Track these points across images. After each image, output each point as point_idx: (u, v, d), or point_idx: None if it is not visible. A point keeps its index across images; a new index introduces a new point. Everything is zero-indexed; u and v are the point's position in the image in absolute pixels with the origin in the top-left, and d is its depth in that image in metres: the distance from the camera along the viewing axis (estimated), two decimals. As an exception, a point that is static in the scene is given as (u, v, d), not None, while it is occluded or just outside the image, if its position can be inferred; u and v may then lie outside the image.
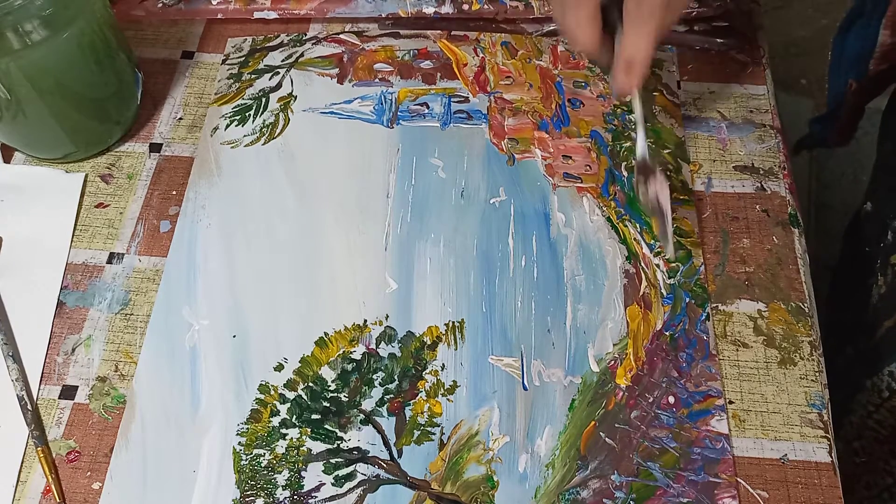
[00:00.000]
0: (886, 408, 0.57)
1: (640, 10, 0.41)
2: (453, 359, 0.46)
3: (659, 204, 0.47)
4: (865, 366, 0.59)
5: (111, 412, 0.45)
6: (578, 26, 0.43)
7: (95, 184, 0.54)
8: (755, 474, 0.42)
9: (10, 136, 0.53)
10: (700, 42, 0.58)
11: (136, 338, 0.48)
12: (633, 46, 0.42)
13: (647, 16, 0.41)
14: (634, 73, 0.43)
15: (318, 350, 0.47)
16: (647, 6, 0.41)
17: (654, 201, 0.47)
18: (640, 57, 0.43)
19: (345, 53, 0.59)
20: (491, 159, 0.53)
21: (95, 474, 0.44)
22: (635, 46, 0.42)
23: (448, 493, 0.42)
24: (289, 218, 0.52)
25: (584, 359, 0.46)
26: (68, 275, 0.50)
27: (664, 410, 0.44)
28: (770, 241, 0.50)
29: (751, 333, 0.47)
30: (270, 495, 0.43)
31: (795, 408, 0.44)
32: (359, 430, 0.44)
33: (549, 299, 0.48)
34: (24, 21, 0.45)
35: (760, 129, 0.54)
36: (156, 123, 0.56)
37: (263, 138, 0.55)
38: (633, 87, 0.44)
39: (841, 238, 0.72)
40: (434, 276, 0.49)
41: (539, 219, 0.51)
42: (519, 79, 0.57)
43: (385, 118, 0.56)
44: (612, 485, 0.42)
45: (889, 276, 0.58)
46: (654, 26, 0.41)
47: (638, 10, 0.41)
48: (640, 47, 0.42)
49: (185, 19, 0.61)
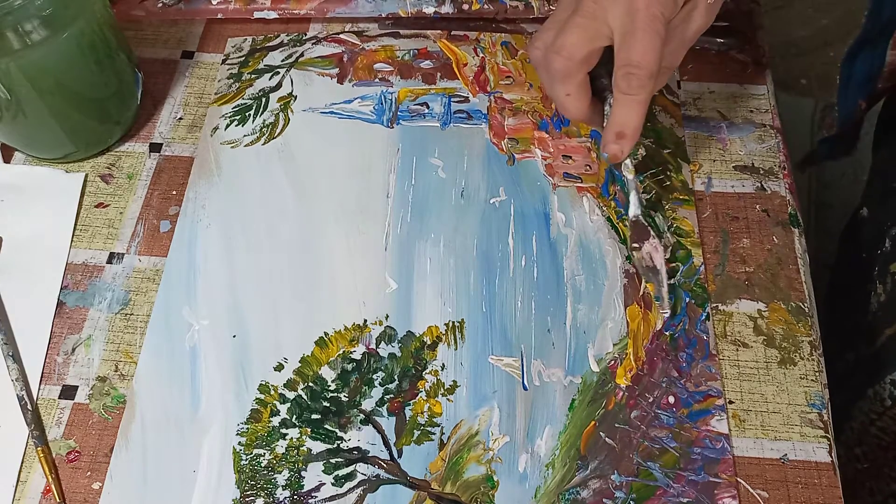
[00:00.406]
0: (889, 416, 0.57)
1: (629, 83, 0.42)
2: (453, 359, 0.46)
3: (654, 264, 0.47)
4: (866, 374, 0.59)
5: (111, 412, 0.45)
6: (568, 98, 0.45)
7: (95, 184, 0.54)
8: (755, 474, 0.42)
9: (10, 136, 0.53)
10: (700, 42, 0.57)
11: (136, 338, 0.48)
12: (624, 118, 0.43)
13: (637, 88, 0.42)
14: (625, 142, 0.44)
15: (318, 350, 0.47)
16: (637, 79, 0.41)
17: (648, 261, 0.47)
18: (630, 127, 0.43)
19: (345, 53, 0.59)
20: (491, 159, 0.53)
21: (95, 474, 0.44)
22: (626, 118, 0.43)
23: (448, 493, 0.42)
24: (289, 218, 0.52)
25: (584, 359, 0.46)
26: (68, 275, 0.50)
27: (664, 410, 0.44)
28: (770, 240, 0.50)
29: (751, 333, 0.47)
30: (270, 495, 0.43)
31: (795, 408, 0.44)
32: (359, 430, 0.44)
33: (549, 299, 0.48)
34: (24, 21, 0.45)
35: (760, 129, 0.54)
36: (156, 123, 0.56)
37: (263, 138, 0.55)
38: (624, 154, 0.45)
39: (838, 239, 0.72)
40: (434, 276, 0.49)
41: (539, 219, 0.51)
42: (519, 79, 0.57)
43: (385, 118, 0.56)
44: (612, 485, 0.42)
45: (889, 285, 0.58)
46: (644, 98, 0.42)
47: (627, 84, 0.42)
48: (630, 118, 0.43)
49: (185, 19, 0.61)
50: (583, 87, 0.44)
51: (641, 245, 0.47)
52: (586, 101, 0.45)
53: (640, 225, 0.48)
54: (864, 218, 0.64)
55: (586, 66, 0.44)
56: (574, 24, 0.43)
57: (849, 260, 0.67)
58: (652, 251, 0.47)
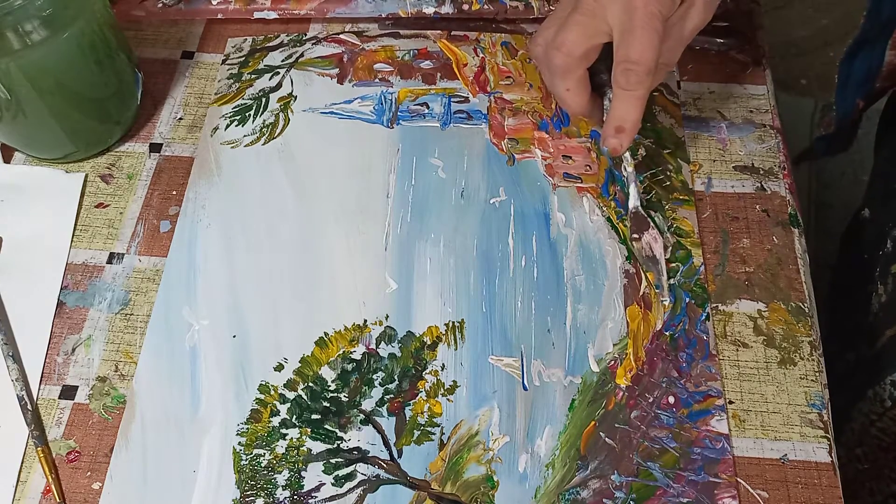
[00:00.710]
0: (889, 416, 0.57)
1: (628, 79, 0.43)
2: (453, 359, 0.46)
3: (653, 254, 0.48)
4: (867, 374, 0.59)
5: (111, 412, 0.45)
6: (568, 92, 0.46)
7: (95, 184, 0.54)
8: (755, 474, 0.42)
9: (10, 136, 0.53)
10: (700, 42, 0.58)
11: (136, 338, 0.48)
12: (623, 112, 0.44)
13: (636, 83, 0.43)
14: (624, 136, 0.45)
15: (318, 350, 0.47)
16: (635, 75, 0.42)
17: (648, 252, 0.48)
18: (629, 122, 0.45)
19: (345, 53, 0.59)
20: (491, 159, 0.53)
21: (95, 474, 0.44)
22: (625, 112, 0.44)
23: (448, 493, 0.42)
24: (289, 218, 0.52)
25: (584, 359, 0.46)
26: (68, 275, 0.50)
27: (664, 410, 0.44)
28: (770, 241, 0.50)
29: (751, 333, 0.47)
30: (270, 495, 0.43)
31: (795, 408, 0.44)
32: (359, 430, 0.44)
33: (549, 299, 0.48)
34: (24, 21, 0.45)
35: (760, 129, 0.54)
36: (156, 123, 0.56)
37: (263, 138, 0.55)
38: (623, 148, 0.46)
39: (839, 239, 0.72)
40: (434, 276, 0.49)
41: (539, 219, 0.51)
42: (519, 79, 0.57)
43: (385, 118, 0.56)
44: (612, 485, 0.42)
45: (890, 286, 0.58)
46: (642, 93, 0.43)
47: (626, 79, 0.43)
48: (629, 113, 0.44)
49: (185, 19, 0.61)
50: (582, 83, 0.46)
51: (641, 235, 0.48)
52: (586, 96, 0.46)
53: (640, 216, 0.49)
54: (865, 219, 0.64)
55: (585, 62, 0.45)
56: (574, 21, 0.44)
57: (850, 261, 0.67)
58: (651, 241, 0.48)
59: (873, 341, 0.59)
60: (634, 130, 0.45)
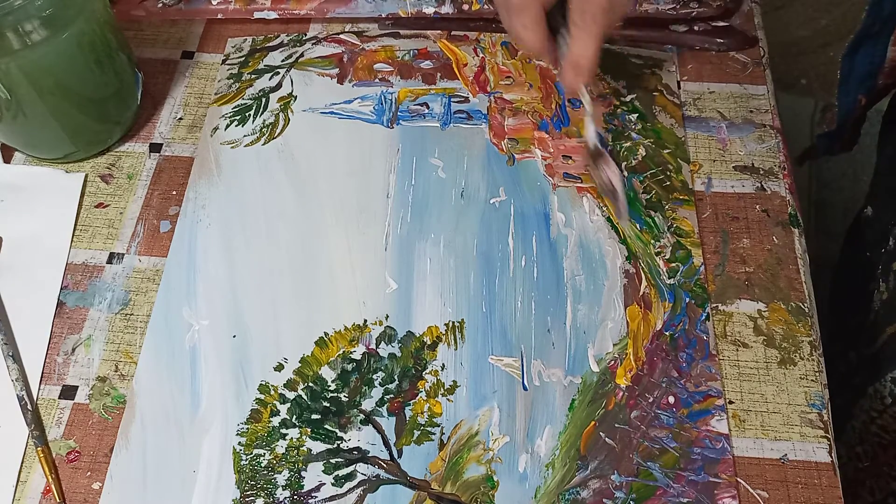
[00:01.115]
0: (890, 414, 0.57)
1: (584, 16, 0.43)
2: (453, 359, 0.46)
3: (611, 184, 0.48)
4: (867, 372, 0.60)
5: (111, 412, 0.45)
6: (524, 29, 0.46)
7: (95, 184, 0.54)
8: (755, 474, 0.42)
9: (10, 136, 0.53)
10: (700, 42, 0.58)
11: (136, 338, 0.48)
12: (581, 49, 0.45)
13: (591, 21, 0.44)
14: (582, 73, 0.46)
15: (318, 350, 0.47)
16: (590, 12, 0.43)
17: (607, 183, 0.48)
18: (586, 59, 0.45)
19: (345, 53, 0.59)
20: (491, 159, 0.53)
21: (95, 474, 0.44)
22: (582, 49, 0.45)
23: (448, 493, 0.42)
24: (289, 218, 0.52)
25: (584, 359, 0.46)
26: (68, 275, 0.50)
27: (664, 410, 0.44)
28: (770, 241, 0.50)
29: (751, 333, 0.47)
30: (270, 495, 0.43)
31: (795, 408, 0.44)
32: (359, 430, 0.44)
33: (549, 299, 0.48)
34: (24, 21, 0.45)
35: (760, 129, 0.54)
36: (156, 123, 0.56)
37: (263, 138, 0.55)
38: (581, 85, 0.46)
39: (841, 238, 0.72)
40: (434, 276, 0.49)
41: (539, 219, 0.51)
42: (519, 79, 0.57)
43: (385, 118, 0.56)
44: (612, 485, 0.42)
45: (892, 283, 0.58)
46: (599, 30, 0.44)
47: (582, 16, 0.44)
48: (586, 50, 0.45)
49: (185, 19, 0.61)
50: (538, 21, 0.46)
51: (599, 169, 0.49)
52: (542, 34, 0.46)
53: (598, 151, 0.49)
54: (868, 217, 0.64)
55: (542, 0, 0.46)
56: None
57: (852, 259, 0.67)
58: (611, 175, 0.48)
59: (874, 339, 0.60)
60: (592, 68, 0.45)
